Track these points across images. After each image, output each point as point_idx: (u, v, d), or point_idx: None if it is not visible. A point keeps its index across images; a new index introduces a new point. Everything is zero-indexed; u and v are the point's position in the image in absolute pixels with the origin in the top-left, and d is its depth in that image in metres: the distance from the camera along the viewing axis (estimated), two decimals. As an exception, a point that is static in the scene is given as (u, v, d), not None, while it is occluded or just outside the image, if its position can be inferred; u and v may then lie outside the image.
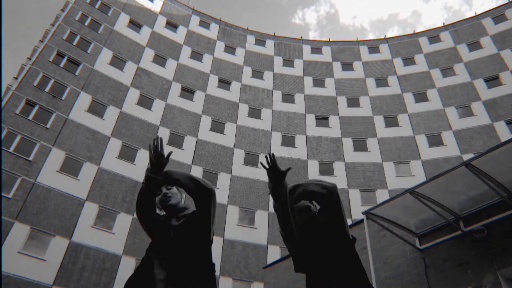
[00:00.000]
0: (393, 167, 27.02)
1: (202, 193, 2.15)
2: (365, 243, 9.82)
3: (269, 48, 35.07)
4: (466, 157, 24.20)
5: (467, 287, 7.55)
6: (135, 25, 30.53)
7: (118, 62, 27.61)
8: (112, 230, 21.19)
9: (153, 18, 31.95)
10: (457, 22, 33.64)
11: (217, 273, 22.51)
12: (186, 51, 31.74)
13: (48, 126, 22.16)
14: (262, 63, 33.72)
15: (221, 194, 25.32)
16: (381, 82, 32.22)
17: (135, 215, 22.14)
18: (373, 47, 34.92)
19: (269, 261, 22.17)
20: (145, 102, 27.19)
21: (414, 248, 8.95)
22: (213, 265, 2.14)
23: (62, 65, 24.78)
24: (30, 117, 21.87)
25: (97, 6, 29.21)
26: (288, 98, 31.80)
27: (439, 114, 28.61)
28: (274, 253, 23.32)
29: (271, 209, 25.18)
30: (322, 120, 30.51)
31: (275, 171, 2.03)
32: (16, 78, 23.72)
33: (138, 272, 2.09)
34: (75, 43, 26.17)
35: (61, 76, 24.34)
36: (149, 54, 29.65)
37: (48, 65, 24.16)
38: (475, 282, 7.48)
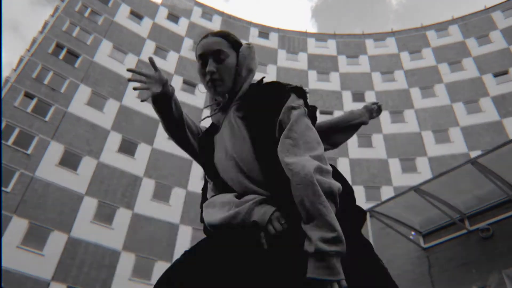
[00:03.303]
0: (398, 163, 26.57)
1: None
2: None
3: (273, 41, 34.54)
4: (473, 154, 23.67)
5: (472, 287, 7.50)
6: (136, 16, 30.12)
7: (118, 54, 27.28)
8: (111, 226, 21.00)
9: (154, 9, 31.51)
10: (466, 15, 32.84)
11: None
12: (188, 43, 31.31)
13: (47, 119, 21.94)
14: (265, 56, 33.20)
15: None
16: (387, 76, 31.64)
17: (135, 210, 22.03)
18: (379, 40, 34.27)
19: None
20: (146, 95, 26.84)
21: (418, 247, 8.91)
22: None
23: (61, 57, 24.49)
24: (29, 110, 21.65)
25: (97, -3, 28.87)
26: (291, 92, 31.34)
27: (446, 110, 28.04)
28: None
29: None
30: (326, 115, 30.03)
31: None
32: (15, 70, 23.50)
33: None
34: (74, 34, 25.83)
35: (60, 68, 24.06)
36: (150, 46, 29.25)
37: (47, 57, 23.88)
38: (480, 282, 7.45)
